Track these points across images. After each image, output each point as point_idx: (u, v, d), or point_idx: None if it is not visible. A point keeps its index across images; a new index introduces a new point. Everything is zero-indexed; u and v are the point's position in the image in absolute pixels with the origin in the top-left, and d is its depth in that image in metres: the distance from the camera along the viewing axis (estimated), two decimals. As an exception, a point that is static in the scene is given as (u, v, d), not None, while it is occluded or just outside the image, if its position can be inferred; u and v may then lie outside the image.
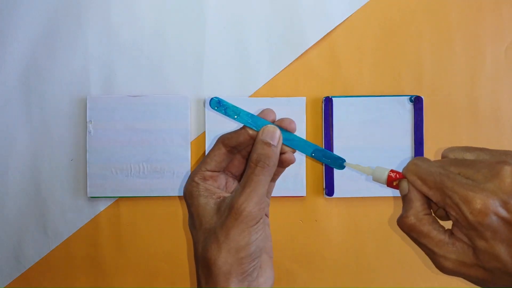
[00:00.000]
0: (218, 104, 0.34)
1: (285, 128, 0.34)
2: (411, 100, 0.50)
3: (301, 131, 0.50)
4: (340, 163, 0.36)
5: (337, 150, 0.50)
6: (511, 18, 0.51)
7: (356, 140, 0.50)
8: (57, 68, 0.50)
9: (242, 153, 0.35)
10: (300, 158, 0.50)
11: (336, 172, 0.50)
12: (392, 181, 0.32)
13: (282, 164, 0.34)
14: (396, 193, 0.50)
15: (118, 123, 0.50)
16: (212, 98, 0.34)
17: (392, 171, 0.32)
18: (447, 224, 0.29)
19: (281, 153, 0.33)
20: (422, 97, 0.50)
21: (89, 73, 0.50)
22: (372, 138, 0.50)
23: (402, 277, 0.51)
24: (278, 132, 0.33)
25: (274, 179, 0.35)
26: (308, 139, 0.50)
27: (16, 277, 0.50)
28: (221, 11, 0.51)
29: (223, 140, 0.33)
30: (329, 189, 0.50)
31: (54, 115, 0.50)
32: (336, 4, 0.51)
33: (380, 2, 0.51)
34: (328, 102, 0.50)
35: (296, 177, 0.50)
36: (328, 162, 0.36)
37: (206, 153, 0.49)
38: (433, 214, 0.30)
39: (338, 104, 0.50)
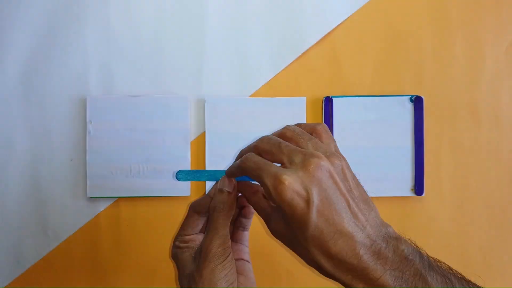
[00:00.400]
0: (186, 177, 0.38)
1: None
2: (411, 100, 0.50)
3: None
4: None
5: (337, 150, 0.50)
6: (511, 18, 0.51)
7: (356, 140, 0.50)
8: (57, 68, 0.50)
9: None
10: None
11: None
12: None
13: (246, 216, 0.37)
14: (395, 193, 0.50)
15: (118, 123, 0.50)
16: (177, 173, 0.37)
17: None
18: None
19: (243, 206, 0.37)
20: (422, 97, 0.50)
21: (89, 73, 0.50)
22: (372, 138, 0.50)
23: (402, 277, 0.51)
24: (232, 181, 0.35)
25: (246, 228, 0.38)
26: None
27: (16, 277, 0.50)
28: (221, 11, 0.51)
29: (193, 208, 0.36)
30: (329, 189, 0.50)
31: (54, 115, 0.50)
32: (336, 4, 0.51)
33: (380, 2, 0.51)
34: (328, 102, 0.50)
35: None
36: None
37: (206, 151, 0.50)
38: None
39: (338, 104, 0.50)
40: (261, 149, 0.33)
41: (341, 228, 0.29)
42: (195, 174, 0.38)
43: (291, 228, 0.30)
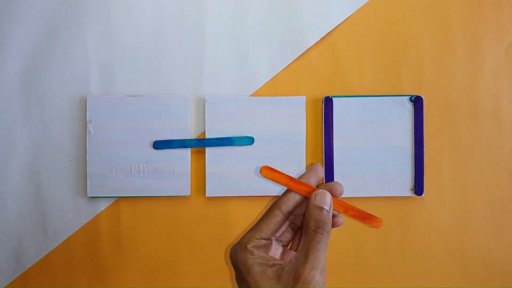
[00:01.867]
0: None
1: (333, 194, 0.34)
2: (411, 100, 0.50)
3: (301, 131, 0.50)
4: None
5: (337, 150, 0.50)
6: (511, 18, 0.51)
7: (356, 140, 0.50)
8: (57, 68, 0.50)
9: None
10: (300, 157, 0.50)
11: (336, 171, 0.50)
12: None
13: (334, 225, 0.34)
14: (395, 193, 0.50)
15: (118, 123, 0.50)
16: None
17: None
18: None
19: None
20: (422, 97, 0.50)
21: (89, 73, 0.50)
22: (372, 138, 0.50)
23: (402, 277, 0.51)
24: (329, 196, 0.33)
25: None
26: (308, 139, 0.50)
27: (16, 277, 0.50)
28: (221, 11, 0.51)
29: (279, 206, 0.33)
30: (329, 189, 0.50)
31: (54, 115, 0.50)
32: (336, 4, 0.51)
33: (380, 2, 0.51)
34: (328, 102, 0.50)
35: (296, 176, 0.50)
36: None
37: (206, 150, 0.50)
38: None
39: (338, 104, 0.50)
40: None
41: None
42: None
43: None
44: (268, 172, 0.34)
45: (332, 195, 0.33)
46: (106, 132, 0.50)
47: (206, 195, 0.50)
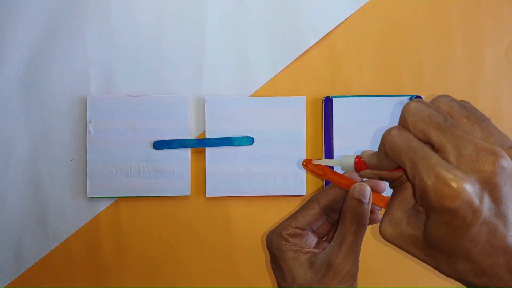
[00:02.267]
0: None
1: (375, 190, 0.34)
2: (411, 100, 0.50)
3: (301, 131, 0.50)
4: None
5: (337, 150, 0.50)
6: (511, 18, 0.51)
7: (356, 140, 0.50)
8: (57, 68, 0.50)
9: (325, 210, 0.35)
10: (299, 157, 0.50)
11: (336, 171, 0.50)
12: (360, 166, 0.31)
13: (369, 222, 0.34)
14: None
15: (118, 123, 0.50)
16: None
17: (358, 157, 0.31)
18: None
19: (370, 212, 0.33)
20: (422, 97, 0.50)
21: (89, 73, 0.50)
22: (372, 138, 0.50)
23: (402, 277, 0.51)
24: (368, 189, 0.32)
25: None
26: (308, 139, 0.50)
27: (16, 277, 0.50)
28: (221, 11, 0.51)
29: (318, 199, 0.34)
30: (329, 189, 0.50)
31: (54, 115, 0.50)
32: (336, 4, 0.51)
33: (380, 2, 0.51)
34: (328, 102, 0.50)
35: (296, 176, 0.50)
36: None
37: (206, 151, 0.50)
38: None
39: (338, 104, 0.50)
40: (413, 123, 0.25)
41: (502, 243, 0.23)
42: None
43: (431, 233, 0.24)
44: (311, 165, 0.35)
45: (374, 190, 0.33)
46: (106, 132, 0.50)
47: (206, 195, 0.50)
